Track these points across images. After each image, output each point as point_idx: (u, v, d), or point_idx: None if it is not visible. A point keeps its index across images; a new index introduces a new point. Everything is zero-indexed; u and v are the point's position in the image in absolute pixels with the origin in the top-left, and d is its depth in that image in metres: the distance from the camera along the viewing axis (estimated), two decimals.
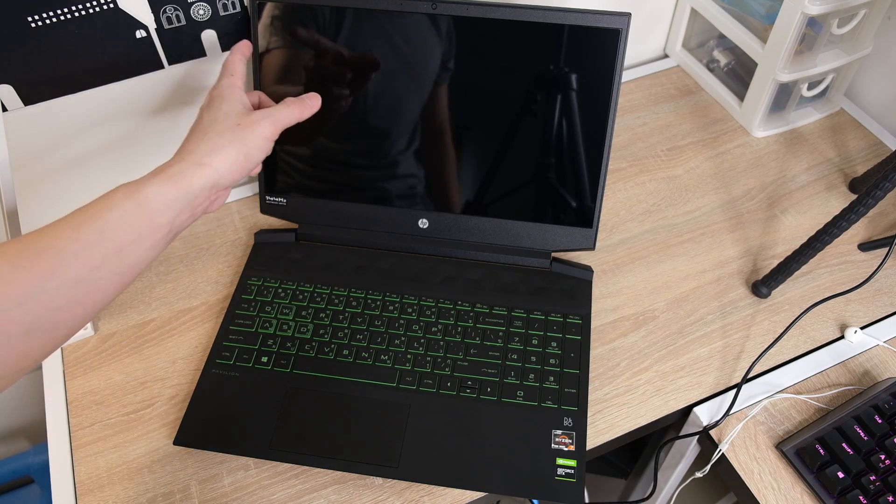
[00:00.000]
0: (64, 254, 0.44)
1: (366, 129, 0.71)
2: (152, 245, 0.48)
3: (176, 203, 0.49)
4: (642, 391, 0.66)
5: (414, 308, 0.70)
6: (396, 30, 0.67)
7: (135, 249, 0.47)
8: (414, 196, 0.74)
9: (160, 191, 0.48)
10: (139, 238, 0.47)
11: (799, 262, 0.69)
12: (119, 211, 0.47)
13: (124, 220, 0.47)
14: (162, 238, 0.49)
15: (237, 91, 0.58)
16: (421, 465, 0.60)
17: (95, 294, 0.46)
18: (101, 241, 0.46)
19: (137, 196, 0.48)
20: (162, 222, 0.48)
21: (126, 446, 0.63)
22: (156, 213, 0.48)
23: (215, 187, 0.52)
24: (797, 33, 0.78)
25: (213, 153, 0.51)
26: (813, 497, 0.59)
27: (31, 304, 0.42)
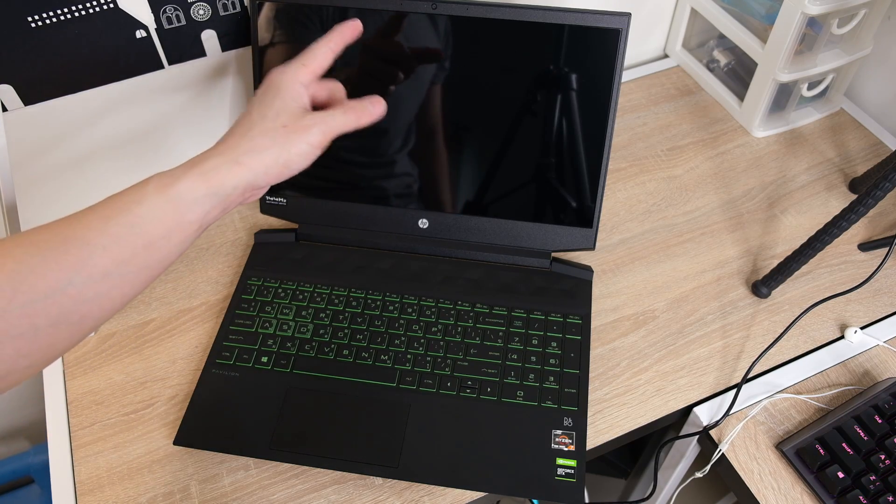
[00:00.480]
0: (93, 246, 0.43)
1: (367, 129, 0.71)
2: (181, 241, 0.47)
3: (207, 200, 0.47)
4: (642, 391, 0.66)
5: (414, 308, 0.70)
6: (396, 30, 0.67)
7: (164, 245, 0.46)
8: (414, 196, 0.74)
9: (193, 187, 0.47)
10: (168, 233, 0.46)
11: (799, 262, 0.69)
12: (150, 205, 0.46)
13: (155, 215, 0.46)
14: (192, 234, 0.48)
15: (297, 86, 0.52)
16: (421, 465, 0.60)
17: (123, 287, 0.45)
18: (130, 235, 0.45)
19: (169, 191, 0.46)
20: (192, 219, 0.47)
21: (126, 446, 0.63)
22: (187, 209, 0.47)
23: (250, 187, 0.49)
24: (797, 33, 0.78)
25: (251, 153, 0.49)
26: (813, 497, 0.59)
27: (59, 296, 0.42)
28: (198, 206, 0.47)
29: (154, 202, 0.46)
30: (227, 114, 0.79)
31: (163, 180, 0.47)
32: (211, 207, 0.48)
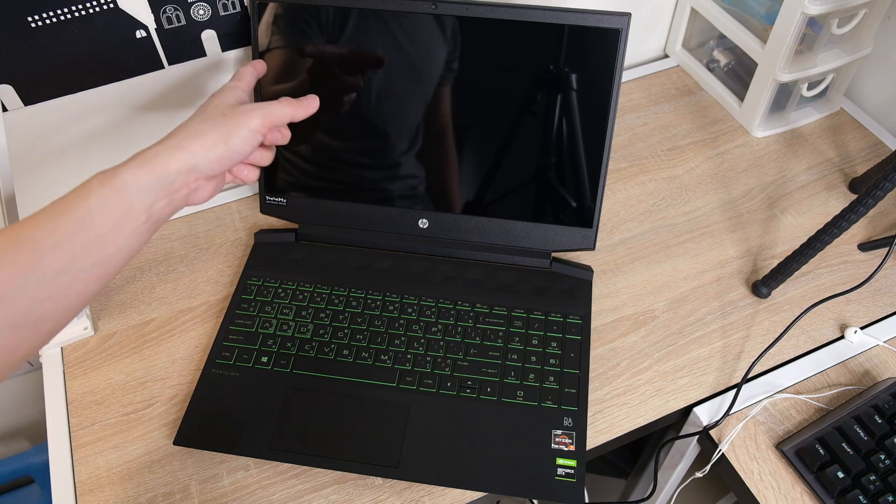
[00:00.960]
0: (43, 245, 0.44)
1: (366, 129, 0.71)
2: (132, 233, 0.47)
3: (152, 188, 0.48)
4: (642, 391, 0.66)
5: (414, 308, 0.70)
6: (397, 30, 0.67)
7: (115, 237, 0.46)
8: (414, 196, 0.74)
9: (136, 174, 0.47)
10: (118, 225, 0.46)
11: (799, 262, 0.69)
12: (96, 198, 0.46)
13: (102, 207, 0.46)
14: (141, 225, 0.48)
15: (236, 91, 0.57)
16: (421, 465, 0.60)
17: (78, 285, 0.45)
18: (80, 230, 0.45)
19: (114, 181, 0.47)
20: (139, 207, 0.47)
21: (126, 446, 0.63)
22: (133, 198, 0.47)
23: (193, 172, 0.50)
24: (797, 33, 0.78)
25: (192, 137, 0.51)
26: (813, 497, 0.59)
27: (14, 297, 0.42)
28: (143, 193, 0.48)
29: (100, 194, 0.46)
30: None
31: (107, 173, 0.48)
32: (157, 196, 0.48)
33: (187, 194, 0.51)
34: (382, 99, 0.70)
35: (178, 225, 0.80)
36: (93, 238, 0.45)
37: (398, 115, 0.70)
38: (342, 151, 0.73)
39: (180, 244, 0.79)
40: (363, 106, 0.70)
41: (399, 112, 0.70)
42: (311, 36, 0.68)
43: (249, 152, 0.54)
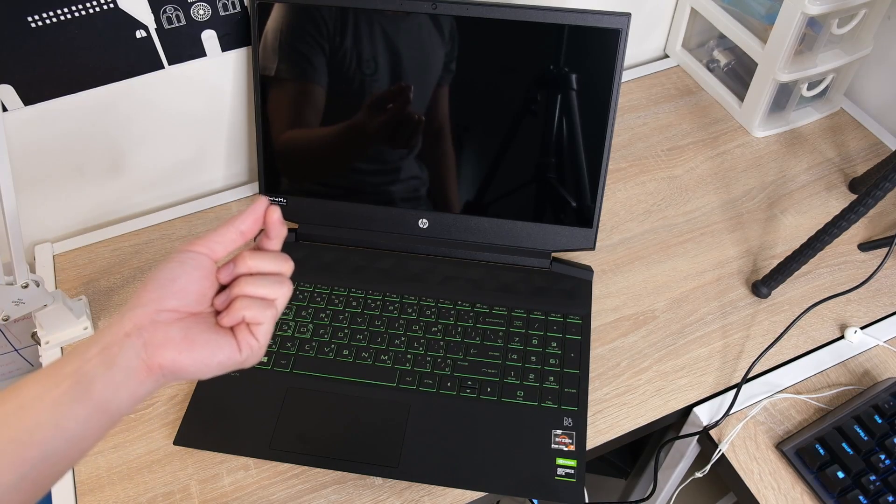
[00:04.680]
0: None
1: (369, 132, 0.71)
2: (55, 402, 0.37)
3: (83, 348, 0.40)
4: (642, 391, 0.66)
5: (414, 308, 0.70)
6: (396, 31, 0.67)
7: (34, 407, 0.37)
8: (414, 196, 0.74)
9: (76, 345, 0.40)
10: (39, 394, 0.38)
11: (799, 262, 0.69)
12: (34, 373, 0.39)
13: (30, 376, 0.39)
14: (66, 392, 0.38)
15: (198, 260, 0.43)
16: (421, 465, 0.60)
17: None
18: (3, 399, 0.38)
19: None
20: (66, 371, 0.38)
21: (126, 446, 0.63)
22: (61, 360, 0.39)
23: (126, 315, 0.40)
24: (797, 33, 0.78)
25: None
26: (813, 497, 0.59)
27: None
28: (72, 354, 0.40)
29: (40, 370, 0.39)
30: (227, 114, 0.79)
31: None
32: (87, 355, 0.39)
33: (128, 346, 0.39)
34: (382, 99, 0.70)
35: (178, 225, 0.80)
36: (11, 409, 0.37)
37: (398, 116, 0.70)
38: (342, 152, 0.73)
39: (180, 244, 0.78)
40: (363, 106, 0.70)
41: (399, 112, 0.70)
42: (312, 35, 0.68)
43: (189, 277, 0.42)
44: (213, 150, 0.82)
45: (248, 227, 0.44)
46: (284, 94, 0.71)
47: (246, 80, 0.77)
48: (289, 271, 0.46)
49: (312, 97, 0.71)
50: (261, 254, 0.45)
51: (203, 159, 0.82)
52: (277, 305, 0.44)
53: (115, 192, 0.80)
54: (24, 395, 0.37)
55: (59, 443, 0.37)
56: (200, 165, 0.83)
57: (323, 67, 0.69)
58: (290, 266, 0.46)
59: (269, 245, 0.46)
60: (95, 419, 0.38)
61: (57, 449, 0.37)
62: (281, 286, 0.44)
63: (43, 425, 0.37)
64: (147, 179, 0.81)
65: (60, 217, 0.79)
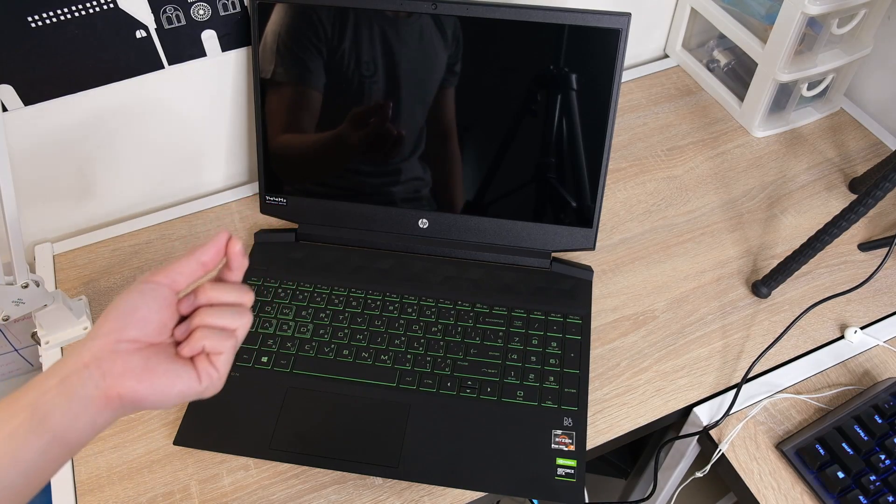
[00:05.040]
0: None
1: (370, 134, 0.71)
2: (10, 434, 0.37)
3: (43, 379, 0.39)
4: (642, 391, 0.66)
5: (414, 308, 0.70)
6: (396, 31, 0.67)
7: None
8: (414, 196, 0.74)
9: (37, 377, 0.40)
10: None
11: (799, 262, 0.69)
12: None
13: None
14: (23, 424, 0.37)
15: (158, 290, 0.43)
16: (421, 465, 0.60)
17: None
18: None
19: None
20: (23, 403, 0.38)
21: (126, 446, 0.63)
22: (19, 393, 0.39)
23: (83, 347, 0.41)
24: (797, 33, 0.78)
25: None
26: (813, 497, 0.59)
27: None
28: (31, 387, 0.40)
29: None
30: (227, 114, 0.79)
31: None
32: (45, 387, 0.39)
33: (87, 377, 0.39)
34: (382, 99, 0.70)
35: (179, 225, 0.80)
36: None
37: (397, 116, 0.70)
38: (342, 153, 0.73)
39: (181, 244, 0.79)
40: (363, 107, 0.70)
41: (398, 113, 0.70)
42: (311, 35, 0.68)
43: (150, 307, 0.42)
44: (213, 150, 0.82)
45: (209, 258, 0.45)
46: (284, 95, 0.71)
47: (246, 81, 0.77)
48: (249, 302, 0.46)
49: (312, 98, 0.71)
50: (221, 285, 0.45)
51: (203, 159, 0.82)
52: (238, 335, 0.45)
53: (115, 192, 0.80)
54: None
55: (15, 475, 0.37)
56: (200, 165, 0.83)
57: (322, 68, 0.69)
58: (251, 297, 0.46)
59: (230, 276, 0.46)
60: (53, 450, 0.38)
61: (14, 482, 0.37)
62: (241, 317, 0.45)
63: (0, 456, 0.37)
64: (147, 179, 0.81)
65: (60, 217, 0.79)
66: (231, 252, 0.45)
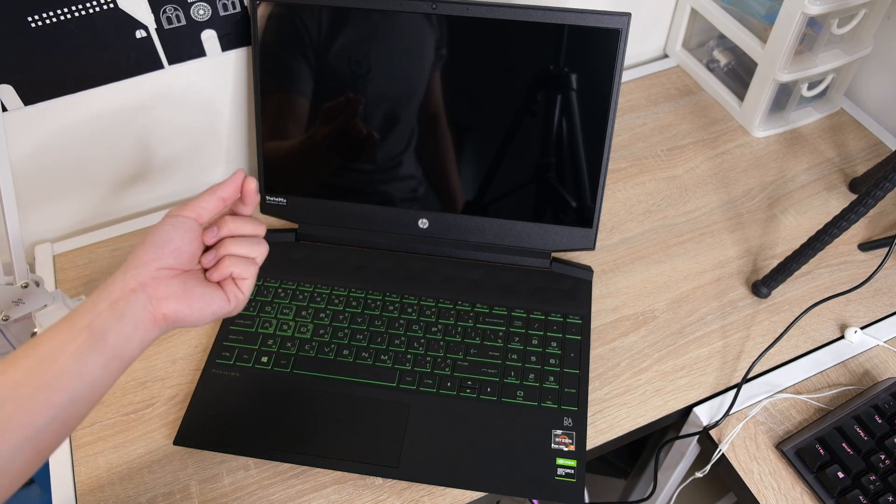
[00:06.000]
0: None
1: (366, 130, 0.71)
2: (75, 353, 0.42)
3: (92, 302, 0.45)
4: (642, 391, 0.66)
5: (414, 308, 0.70)
6: (396, 31, 0.67)
7: (57, 358, 0.42)
8: (414, 196, 0.74)
9: (85, 299, 0.46)
10: (59, 345, 0.43)
11: (799, 262, 0.69)
12: (50, 325, 0.44)
13: (48, 331, 0.43)
14: (83, 344, 0.43)
15: (187, 223, 0.49)
16: (421, 465, 0.60)
17: (22, 415, 0.41)
18: (23, 354, 0.42)
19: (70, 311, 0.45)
20: (80, 325, 0.43)
21: (126, 446, 0.63)
22: (74, 315, 0.44)
23: (128, 272, 0.46)
24: (797, 33, 0.78)
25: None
26: (813, 497, 0.59)
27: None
28: (83, 309, 0.45)
29: (55, 324, 0.44)
30: (227, 114, 0.79)
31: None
32: (98, 309, 0.44)
33: (135, 300, 0.45)
34: (382, 100, 0.70)
35: None
36: (35, 361, 0.42)
37: (398, 116, 0.70)
38: (342, 152, 0.73)
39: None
40: (363, 107, 0.70)
41: (399, 113, 0.70)
42: (309, 37, 0.68)
43: (182, 239, 0.48)
44: (213, 150, 0.82)
45: (228, 194, 0.51)
46: (284, 95, 0.71)
47: (246, 81, 0.77)
48: (263, 233, 0.53)
49: (310, 98, 0.71)
50: (240, 218, 0.52)
51: (203, 159, 0.82)
52: (258, 262, 0.52)
53: (115, 192, 0.80)
54: (44, 349, 0.42)
55: (82, 387, 0.43)
56: (200, 165, 0.83)
57: (322, 68, 0.69)
58: (264, 228, 0.53)
59: (244, 210, 0.53)
60: (112, 364, 0.44)
61: (80, 392, 0.43)
62: (260, 245, 0.52)
63: (66, 373, 0.42)
64: (147, 179, 0.81)
65: (60, 217, 0.79)
66: (246, 189, 0.52)
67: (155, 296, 0.46)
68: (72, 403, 0.42)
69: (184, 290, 0.47)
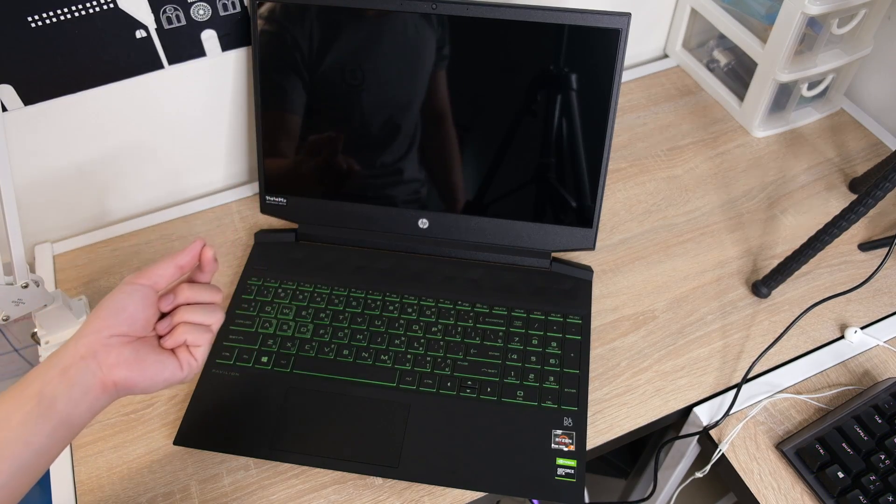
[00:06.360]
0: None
1: (366, 130, 0.71)
2: (22, 422, 0.43)
3: (44, 369, 0.45)
4: (642, 391, 0.66)
5: (414, 308, 0.70)
6: (396, 31, 0.67)
7: (4, 426, 0.43)
8: (414, 196, 0.74)
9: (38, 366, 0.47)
10: (7, 414, 0.43)
11: (799, 262, 0.69)
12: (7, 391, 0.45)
13: (2, 397, 0.44)
14: (32, 411, 0.43)
15: (141, 291, 0.49)
16: (421, 465, 0.60)
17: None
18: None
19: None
20: (30, 393, 0.44)
21: (126, 446, 0.63)
22: (25, 382, 0.45)
23: (80, 340, 0.46)
24: (797, 33, 0.78)
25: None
26: (813, 497, 0.59)
27: None
28: (35, 376, 0.45)
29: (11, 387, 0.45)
30: (227, 114, 0.79)
31: None
32: (48, 377, 0.45)
33: (85, 367, 0.45)
34: (382, 100, 0.70)
35: (178, 225, 0.80)
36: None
37: (398, 116, 0.70)
38: (342, 152, 0.73)
39: (180, 244, 0.79)
40: (363, 107, 0.70)
41: (399, 113, 0.70)
42: (309, 37, 0.68)
43: (137, 306, 0.48)
44: (213, 150, 0.82)
45: (185, 262, 0.52)
46: (284, 95, 0.71)
47: (246, 81, 0.77)
48: (220, 300, 0.53)
49: (312, 98, 0.71)
50: (197, 286, 0.53)
51: (203, 159, 0.82)
52: (213, 329, 0.52)
53: (115, 193, 0.80)
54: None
55: (29, 455, 0.43)
56: (200, 165, 0.83)
57: (322, 68, 0.69)
58: (221, 296, 0.54)
59: (202, 278, 0.54)
60: (60, 432, 0.44)
61: (27, 461, 0.43)
62: (216, 313, 0.52)
63: (13, 441, 0.42)
64: (147, 179, 0.81)
65: (60, 217, 0.79)
66: (204, 257, 0.52)
67: (106, 363, 0.46)
68: (19, 471, 0.43)
69: (136, 358, 0.47)
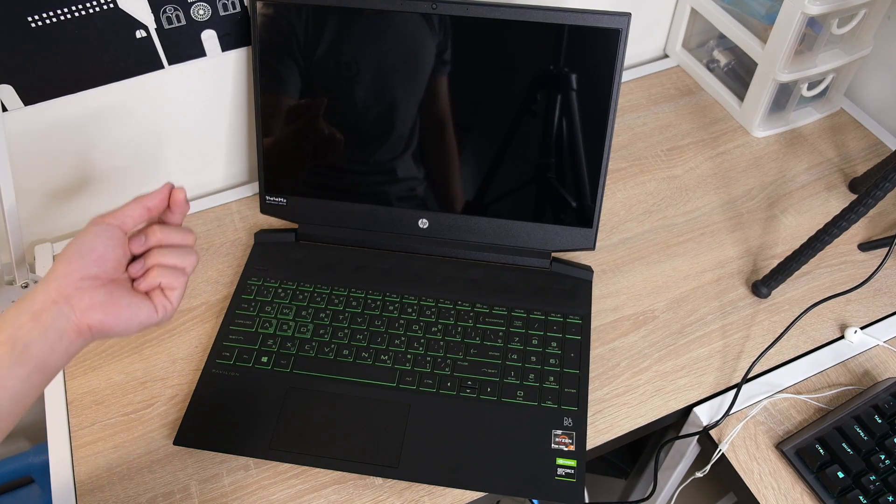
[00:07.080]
0: None
1: (366, 130, 0.71)
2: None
3: (14, 314, 0.44)
4: (642, 391, 0.66)
5: (414, 308, 0.70)
6: (396, 30, 0.67)
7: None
8: (414, 196, 0.74)
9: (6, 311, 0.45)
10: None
11: (799, 262, 0.69)
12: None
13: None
14: (2, 357, 0.42)
15: (109, 231, 0.48)
16: (421, 465, 0.60)
17: None
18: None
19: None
20: (1, 339, 0.43)
21: (126, 446, 0.63)
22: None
23: (50, 283, 0.45)
24: (797, 33, 0.78)
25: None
26: (813, 497, 0.59)
27: None
28: (5, 322, 0.44)
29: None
30: (227, 114, 0.79)
31: None
32: (20, 321, 0.44)
33: (58, 312, 0.44)
34: (382, 100, 0.70)
35: None
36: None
37: (398, 116, 0.70)
38: (342, 152, 0.73)
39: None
40: (363, 107, 0.70)
41: (399, 113, 0.70)
42: (309, 37, 0.68)
43: (105, 247, 0.47)
44: (213, 150, 0.82)
45: (154, 204, 0.50)
46: (284, 95, 0.71)
47: (246, 80, 0.77)
48: (193, 242, 0.52)
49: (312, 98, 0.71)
50: (169, 228, 0.51)
51: (203, 159, 0.82)
52: (188, 272, 0.51)
53: (114, 192, 0.80)
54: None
55: (5, 401, 0.42)
56: (200, 165, 0.83)
57: (322, 68, 0.69)
58: (194, 238, 0.52)
59: (172, 219, 0.52)
60: (35, 377, 0.43)
61: (3, 406, 0.42)
62: (189, 255, 0.51)
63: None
64: (147, 179, 0.81)
65: (60, 217, 0.79)
66: (175, 198, 0.51)
67: (79, 306, 0.45)
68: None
69: (109, 300, 0.46)
